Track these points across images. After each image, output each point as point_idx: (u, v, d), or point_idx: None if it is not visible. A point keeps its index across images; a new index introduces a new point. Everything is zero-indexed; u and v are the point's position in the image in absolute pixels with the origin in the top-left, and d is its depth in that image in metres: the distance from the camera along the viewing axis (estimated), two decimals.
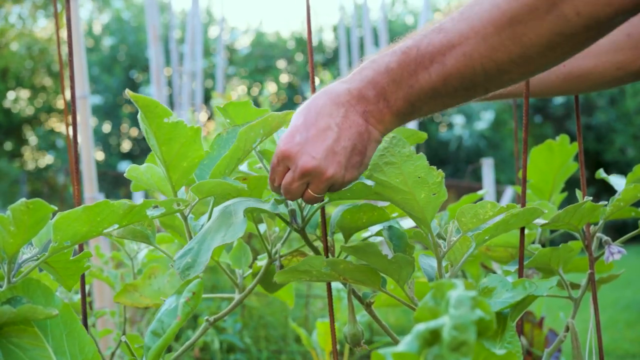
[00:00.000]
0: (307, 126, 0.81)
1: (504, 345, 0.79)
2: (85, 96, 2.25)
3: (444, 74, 0.78)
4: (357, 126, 0.81)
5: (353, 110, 0.81)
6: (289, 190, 0.84)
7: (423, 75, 0.78)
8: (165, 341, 0.71)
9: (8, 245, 0.73)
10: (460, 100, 0.82)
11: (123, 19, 15.74)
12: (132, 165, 0.88)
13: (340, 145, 0.81)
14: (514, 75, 0.78)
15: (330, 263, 0.86)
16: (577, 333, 1.00)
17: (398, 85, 0.80)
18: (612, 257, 1.01)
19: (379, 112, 0.81)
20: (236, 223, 0.81)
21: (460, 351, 0.36)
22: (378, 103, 0.80)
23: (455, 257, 0.90)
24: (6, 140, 15.22)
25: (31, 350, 0.71)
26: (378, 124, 0.81)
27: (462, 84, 0.78)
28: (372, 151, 0.83)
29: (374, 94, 0.80)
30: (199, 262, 0.78)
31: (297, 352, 2.69)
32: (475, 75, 0.77)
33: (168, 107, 0.79)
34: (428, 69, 0.78)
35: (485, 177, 3.70)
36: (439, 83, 0.78)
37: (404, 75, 0.79)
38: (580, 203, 0.94)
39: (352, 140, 0.81)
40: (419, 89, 0.79)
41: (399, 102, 0.80)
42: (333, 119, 0.81)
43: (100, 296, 2.18)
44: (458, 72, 0.77)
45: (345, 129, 0.80)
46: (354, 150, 0.81)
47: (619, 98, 14.19)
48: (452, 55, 0.77)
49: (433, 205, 0.81)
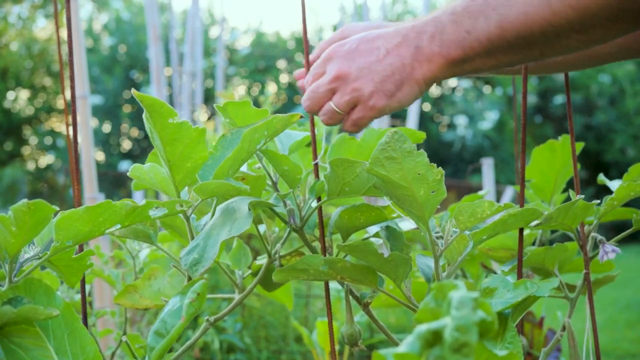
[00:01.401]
0: (362, 41, 0.83)
1: (505, 346, 0.80)
2: (85, 96, 2.25)
3: (502, 27, 0.77)
4: (404, 58, 0.81)
5: (407, 43, 0.81)
6: (315, 93, 0.84)
7: (482, 23, 0.78)
8: (169, 341, 0.71)
9: (9, 245, 0.73)
10: (513, 59, 0.81)
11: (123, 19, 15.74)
12: (135, 164, 0.88)
13: (380, 67, 0.81)
14: (572, 43, 0.78)
15: (328, 262, 0.86)
16: (573, 332, 1.00)
17: (457, 27, 0.79)
18: (606, 256, 1.02)
19: (430, 50, 0.80)
20: (241, 217, 0.81)
21: (462, 352, 0.36)
22: (432, 42, 0.80)
23: (452, 256, 0.90)
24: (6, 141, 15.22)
25: (33, 350, 0.71)
26: (425, 63, 0.81)
27: (517, 40, 0.77)
28: (408, 89, 0.82)
29: (432, 31, 0.80)
30: (206, 257, 0.79)
31: (297, 352, 2.69)
32: (532, 35, 0.77)
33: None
34: (488, 18, 0.78)
35: (486, 177, 3.70)
36: (494, 34, 0.77)
37: (465, 19, 0.79)
38: (572, 202, 0.94)
39: (392, 67, 0.81)
40: (476, 37, 0.78)
41: (453, 45, 0.79)
42: (386, 43, 0.81)
43: (100, 296, 2.18)
44: (516, 28, 0.76)
45: (392, 55, 0.81)
46: (391, 77, 0.81)
47: (619, 98, 14.19)
48: (514, 10, 0.76)
49: (432, 202, 0.81)
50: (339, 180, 0.87)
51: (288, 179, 0.90)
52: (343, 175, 0.86)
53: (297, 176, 0.89)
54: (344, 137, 1.02)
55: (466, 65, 0.81)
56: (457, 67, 0.81)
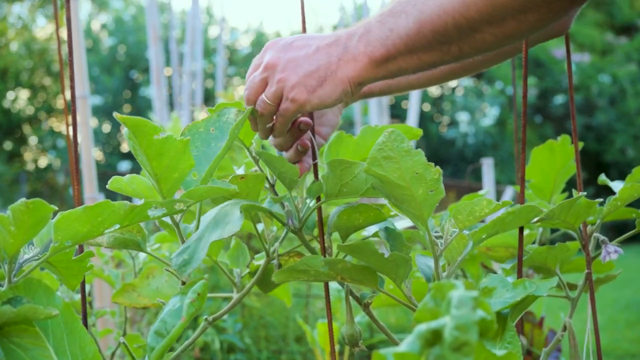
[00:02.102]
0: (299, 38, 0.86)
1: (504, 346, 0.79)
2: (85, 96, 2.25)
3: (420, 22, 0.79)
4: (331, 56, 0.83)
5: (338, 43, 0.84)
6: (251, 83, 0.87)
7: (403, 21, 0.80)
8: (169, 341, 0.71)
9: (8, 245, 0.73)
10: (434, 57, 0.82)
11: (123, 19, 15.74)
12: (114, 177, 0.89)
13: (307, 62, 0.84)
14: (487, 37, 0.79)
15: (328, 262, 0.86)
16: (574, 332, 1.00)
17: (382, 26, 0.82)
18: (608, 256, 1.02)
19: (356, 50, 0.82)
20: (232, 220, 0.81)
21: (462, 351, 0.36)
22: (359, 42, 0.83)
23: (452, 255, 0.90)
24: (6, 140, 15.22)
25: (32, 350, 0.71)
26: (351, 62, 0.83)
27: (434, 35, 0.79)
28: (331, 87, 0.84)
29: (361, 32, 0.83)
30: (195, 258, 0.79)
31: (298, 352, 2.69)
32: (447, 30, 0.78)
33: (168, 108, 0.79)
34: (408, 14, 0.80)
35: (486, 177, 3.70)
36: (413, 30, 0.79)
37: (389, 18, 0.81)
38: (574, 198, 0.94)
39: (319, 63, 0.83)
40: (397, 33, 0.80)
41: (377, 43, 0.82)
42: (319, 42, 0.85)
43: (100, 296, 2.18)
44: (431, 22, 0.78)
45: (320, 53, 0.84)
46: (315, 72, 0.83)
47: (620, 98, 14.20)
48: (430, 4, 0.79)
49: (430, 202, 0.81)
50: (337, 181, 0.87)
51: (285, 181, 0.90)
52: (341, 176, 0.86)
53: (294, 178, 0.89)
54: (340, 136, 1.02)
55: (390, 65, 0.82)
56: (382, 67, 0.83)
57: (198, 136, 0.87)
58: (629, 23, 15.46)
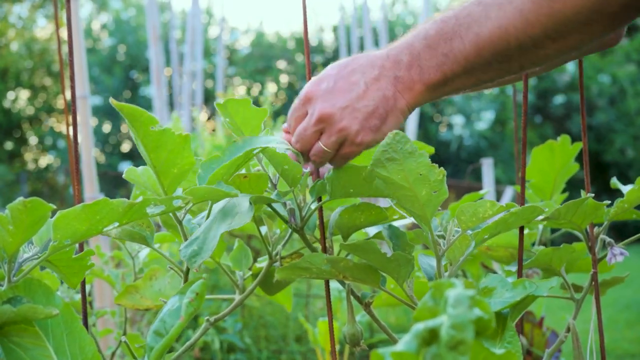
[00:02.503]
0: (337, 77, 0.82)
1: (503, 345, 0.80)
2: (85, 96, 2.25)
3: (477, 45, 0.77)
4: (385, 90, 0.81)
5: (385, 74, 0.81)
6: (303, 136, 0.84)
7: (458, 45, 0.78)
8: (168, 341, 0.71)
9: (7, 244, 0.73)
10: (493, 75, 0.81)
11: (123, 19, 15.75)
12: (130, 167, 0.88)
13: (362, 103, 0.81)
14: (550, 51, 0.78)
15: (331, 260, 0.86)
16: (578, 333, 1.00)
17: (433, 52, 0.79)
18: (614, 258, 1.01)
19: (409, 79, 0.80)
20: (241, 212, 0.81)
21: (458, 350, 0.36)
22: (411, 69, 0.80)
23: (454, 255, 0.90)
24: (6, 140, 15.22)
25: (32, 350, 0.71)
26: (407, 91, 0.81)
27: (495, 57, 0.78)
28: (393, 120, 0.82)
29: (409, 59, 0.80)
30: (205, 249, 0.79)
31: (298, 352, 2.69)
32: (510, 49, 0.77)
33: (168, 108, 0.79)
34: (463, 38, 0.78)
35: (486, 176, 3.70)
36: (472, 54, 0.78)
37: (440, 43, 0.79)
38: (582, 199, 0.93)
39: (375, 101, 0.81)
40: (453, 58, 0.79)
41: (432, 70, 0.80)
42: (364, 77, 0.81)
43: (100, 296, 2.18)
44: (492, 44, 0.77)
45: (372, 90, 0.81)
46: (375, 112, 0.81)
47: (619, 98, 14.20)
48: (488, 26, 0.77)
49: (434, 203, 0.81)
50: (343, 184, 0.87)
51: (288, 178, 0.90)
52: (349, 179, 0.86)
53: (298, 175, 0.89)
54: None
55: (447, 87, 0.81)
56: (438, 90, 0.81)
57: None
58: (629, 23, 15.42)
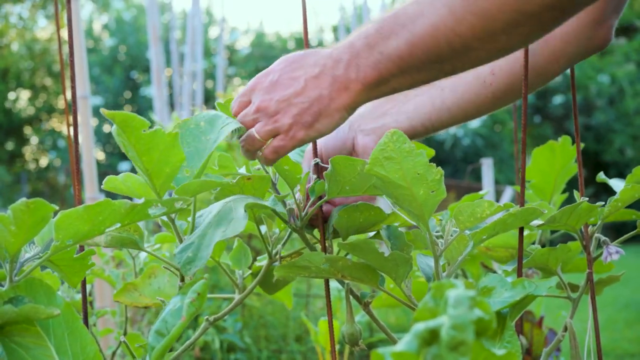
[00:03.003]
0: (282, 72, 0.84)
1: (503, 345, 0.80)
2: (86, 96, 2.25)
3: (410, 42, 0.78)
4: (322, 89, 0.82)
5: (325, 72, 0.82)
6: (242, 122, 0.87)
7: (392, 42, 0.79)
8: (169, 341, 0.71)
9: (9, 244, 0.74)
10: (428, 76, 0.82)
11: (123, 19, 15.75)
12: (109, 176, 0.88)
13: (299, 99, 0.83)
14: (481, 53, 0.78)
15: (329, 259, 0.87)
16: (575, 333, 1.00)
17: (371, 50, 0.80)
18: (610, 257, 1.02)
19: (347, 78, 0.81)
20: (236, 218, 0.81)
21: (458, 351, 0.36)
22: (349, 69, 0.81)
23: (452, 255, 0.91)
24: (7, 141, 15.22)
25: (33, 350, 0.72)
26: (343, 91, 0.82)
27: (427, 56, 0.78)
28: (328, 119, 0.83)
29: (348, 58, 0.81)
30: (200, 256, 0.79)
31: (298, 351, 2.70)
32: (440, 48, 0.77)
33: (168, 108, 0.80)
34: (398, 36, 0.79)
35: (485, 177, 3.70)
36: (405, 51, 0.78)
37: (378, 41, 0.80)
38: (577, 204, 0.94)
39: (311, 99, 0.82)
40: (387, 56, 0.79)
41: (368, 69, 0.80)
42: (305, 74, 0.83)
43: (101, 296, 2.18)
44: (423, 42, 0.77)
45: (310, 87, 0.82)
46: (309, 109, 0.82)
47: (619, 98, 14.20)
48: (420, 23, 0.77)
49: (431, 202, 0.81)
50: (340, 179, 0.87)
51: (288, 179, 0.90)
52: (344, 173, 0.87)
53: (297, 175, 0.90)
54: None
55: (383, 87, 0.82)
56: (375, 90, 0.82)
57: (189, 132, 0.87)
58: (628, 24, 15.47)
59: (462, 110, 1.04)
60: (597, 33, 1.00)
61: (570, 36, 1.00)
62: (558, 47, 1.01)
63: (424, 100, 1.02)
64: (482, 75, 1.02)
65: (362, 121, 1.02)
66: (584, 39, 1.01)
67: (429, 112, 1.01)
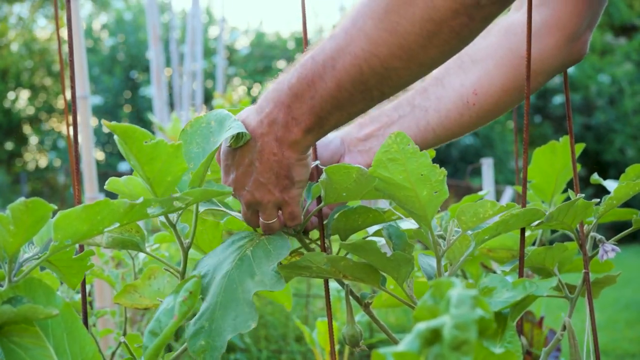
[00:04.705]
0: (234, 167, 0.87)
1: (503, 345, 0.80)
2: (85, 96, 2.25)
3: (336, 79, 0.78)
4: (273, 155, 0.84)
5: (267, 141, 0.83)
6: (247, 220, 0.91)
7: (320, 84, 0.79)
8: (162, 340, 0.71)
9: (8, 244, 0.73)
10: (362, 107, 0.83)
11: (123, 19, 15.74)
12: (111, 178, 0.89)
13: (265, 177, 0.85)
14: (402, 72, 0.78)
15: (331, 260, 0.87)
16: (574, 332, 1.00)
17: (301, 100, 0.81)
18: (606, 255, 1.02)
19: (289, 134, 0.82)
20: (245, 308, 0.87)
21: (461, 350, 0.36)
22: (287, 125, 0.82)
23: (454, 256, 0.90)
24: (6, 141, 15.22)
25: (32, 350, 0.71)
26: (293, 145, 0.83)
27: (354, 86, 0.79)
28: (299, 170, 0.86)
29: (282, 116, 0.82)
30: (215, 346, 0.81)
31: (298, 351, 2.69)
32: (363, 75, 0.78)
33: (168, 108, 0.79)
34: (323, 76, 0.79)
35: (485, 177, 3.70)
36: (334, 89, 0.79)
37: (304, 88, 0.80)
38: (572, 201, 0.94)
39: (273, 169, 0.84)
40: (320, 99, 0.80)
41: (305, 116, 0.81)
42: (252, 156, 0.85)
43: (100, 296, 2.18)
44: (347, 74, 0.78)
45: (264, 162, 0.84)
46: (278, 177, 0.85)
47: (618, 98, 14.21)
48: (340, 56, 0.78)
49: (434, 203, 0.81)
50: (336, 186, 0.87)
51: None
52: (340, 181, 0.86)
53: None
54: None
55: (325, 126, 0.83)
56: (316, 131, 0.83)
57: (199, 132, 0.87)
58: (628, 23, 15.48)
59: (447, 130, 1.04)
60: (572, 49, 1.03)
61: (547, 54, 1.02)
62: (536, 66, 1.02)
63: (408, 122, 1.03)
64: (464, 96, 1.02)
65: (351, 142, 1.02)
66: (561, 56, 1.03)
67: (414, 134, 1.02)
